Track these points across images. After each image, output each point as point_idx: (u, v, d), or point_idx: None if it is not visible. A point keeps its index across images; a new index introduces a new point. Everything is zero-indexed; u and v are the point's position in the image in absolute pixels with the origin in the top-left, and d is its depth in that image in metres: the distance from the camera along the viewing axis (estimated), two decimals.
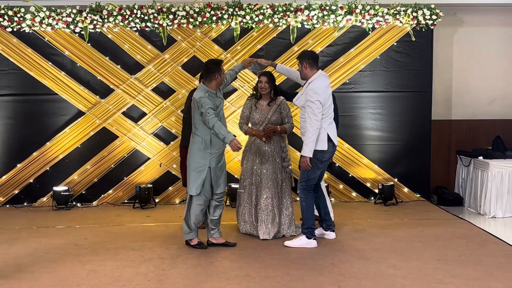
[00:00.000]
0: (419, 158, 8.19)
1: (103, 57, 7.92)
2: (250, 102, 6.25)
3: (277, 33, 8.00)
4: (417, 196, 8.18)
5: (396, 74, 8.07)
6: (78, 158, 8.01)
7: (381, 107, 8.11)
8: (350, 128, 8.10)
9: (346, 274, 4.82)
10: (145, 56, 7.96)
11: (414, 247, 5.66)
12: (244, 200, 6.21)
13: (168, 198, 8.10)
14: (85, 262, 5.22)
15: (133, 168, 8.06)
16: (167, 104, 7.97)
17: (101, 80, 7.96)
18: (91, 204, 8.02)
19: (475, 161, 7.73)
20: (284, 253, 5.47)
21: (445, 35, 8.40)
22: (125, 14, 7.71)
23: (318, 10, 7.76)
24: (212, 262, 5.20)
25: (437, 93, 8.39)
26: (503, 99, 8.57)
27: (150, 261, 5.23)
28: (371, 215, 7.23)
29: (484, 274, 4.82)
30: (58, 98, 7.92)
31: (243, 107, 6.29)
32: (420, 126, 8.17)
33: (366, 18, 7.84)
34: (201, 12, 7.74)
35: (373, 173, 8.11)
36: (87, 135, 8.00)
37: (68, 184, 7.96)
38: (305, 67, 5.67)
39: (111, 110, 7.98)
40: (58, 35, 7.85)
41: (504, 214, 7.28)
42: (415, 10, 7.83)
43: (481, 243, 5.82)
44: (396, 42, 8.04)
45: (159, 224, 6.83)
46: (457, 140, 8.52)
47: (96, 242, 5.97)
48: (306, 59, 5.68)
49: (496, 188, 7.28)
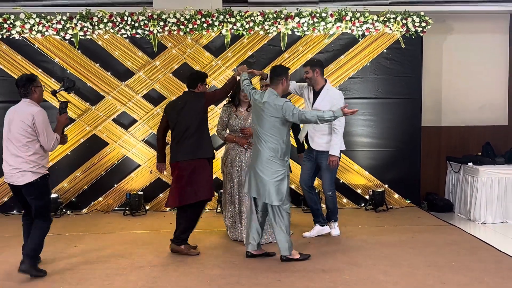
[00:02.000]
0: (409, 164, 8.22)
1: (93, 64, 7.90)
2: (228, 109, 6.25)
3: (268, 40, 8.02)
4: (407, 202, 8.20)
5: (386, 81, 8.12)
6: (68, 165, 7.98)
7: (371, 113, 8.14)
8: None
9: (337, 281, 4.82)
10: (135, 63, 7.95)
11: (404, 253, 5.67)
12: (229, 207, 6.23)
13: (159, 205, 8.07)
14: (75, 270, 5.19)
15: (124, 175, 8.03)
16: (158, 111, 7.96)
17: (91, 87, 7.94)
18: (81, 211, 7.98)
19: (465, 167, 7.77)
20: (274, 260, 5.46)
21: (435, 42, 8.46)
22: (116, 21, 7.70)
23: (308, 17, 7.79)
24: (203, 269, 5.18)
25: (427, 99, 8.44)
26: (493, 105, 8.63)
27: (140, 269, 5.21)
28: (362, 221, 7.25)
29: (474, 280, 4.84)
30: (48, 105, 7.85)
31: (221, 113, 6.30)
32: (410, 133, 8.21)
33: (356, 25, 7.88)
34: (192, 19, 7.75)
35: (364, 179, 8.13)
36: (77, 142, 7.96)
37: (58, 191, 7.91)
38: (318, 74, 6.11)
39: (101, 117, 7.95)
40: (48, 42, 7.83)
41: (494, 220, 7.31)
42: (405, 18, 7.88)
43: (471, 249, 5.84)
44: (386, 49, 8.08)
45: (149, 231, 6.80)
46: (447, 146, 8.57)
47: (86, 249, 5.94)
48: (318, 67, 6.14)
49: (486, 194, 7.32)
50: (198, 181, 5.56)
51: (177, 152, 5.62)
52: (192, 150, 5.55)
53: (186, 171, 5.53)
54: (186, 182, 5.53)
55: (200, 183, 5.56)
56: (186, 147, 5.55)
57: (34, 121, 4.97)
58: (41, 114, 5.01)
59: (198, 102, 5.61)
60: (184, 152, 5.56)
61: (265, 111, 5.29)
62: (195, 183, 5.54)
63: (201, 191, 5.55)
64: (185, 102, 5.63)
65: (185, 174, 5.54)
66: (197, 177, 5.55)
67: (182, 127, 5.58)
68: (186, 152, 5.56)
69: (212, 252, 5.78)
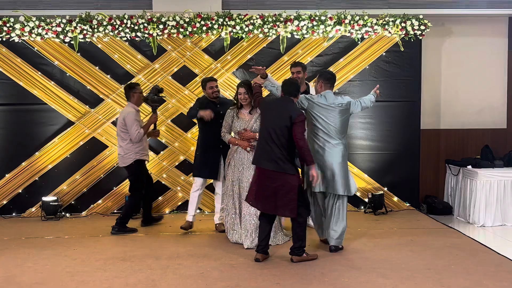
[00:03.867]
0: (408, 167, 8.23)
1: (93, 67, 7.91)
2: (232, 112, 6.31)
3: (267, 43, 8.03)
4: (406, 205, 8.20)
5: (385, 84, 8.12)
6: (67, 168, 7.97)
7: (370, 116, 8.15)
8: None
9: (336, 284, 4.82)
10: (135, 66, 7.95)
11: (404, 256, 5.68)
12: (230, 209, 6.24)
13: (158, 208, 8.05)
14: (74, 273, 5.18)
15: (123, 178, 8.01)
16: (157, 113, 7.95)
17: (90, 90, 7.95)
18: (80, 214, 7.97)
19: (464, 170, 7.77)
20: (274, 263, 5.46)
21: (434, 45, 8.48)
22: (115, 24, 7.71)
23: (307, 20, 7.80)
24: (202, 272, 5.18)
25: (426, 102, 8.45)
26: (492, 108, 8.64)
27: (140, 272, 5.20)
28: (361, 224, 7.24)
29: (474, 283, 4.84)
30: (48, 108, 7.88)
31: (225, 116, 6.37)
32: (409, 136, 8.22)
33: (355, 28, 7.89)
34: (191, 22, 7.76)
35: (363, 182, 8.13)
36: (77, 145, 7.96)
37: (57, 194, 7.91)
38: (305, 76, 6.68)
39: (100, 120, 7.95)
40: (48, 45, 7.84)
41: (493, 223, 7.32)
42: (404, 21, 7.90)
43: (471, 252, 5.84)
44: (385, 52, 8.09)
45: (149, 234, 6.80)
46: (446, 149, 8.58)
47: (85, 252, 5.93)
48: (306, 71, 6.72)
49: (485, 197, 7.32)
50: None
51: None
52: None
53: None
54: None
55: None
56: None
57: (125, 119, 6.65)
58: (131, 114, 6.67)
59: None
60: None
61: (337, 110, 5.78)
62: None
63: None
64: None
65: None
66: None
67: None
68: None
69: (211, 255, 5.78)
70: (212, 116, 6.50)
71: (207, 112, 6.50)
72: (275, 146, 5.33)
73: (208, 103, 6.69)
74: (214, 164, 6.67)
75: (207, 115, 6.49)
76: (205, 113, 6.50)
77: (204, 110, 6.53)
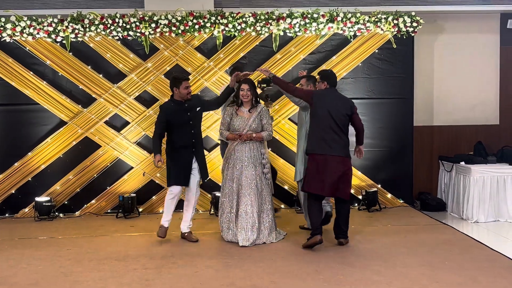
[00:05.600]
0: (401, 164, 8.25)
1: (85, 66, 7.88)
2: (231, 109, 6.29)
3: (260, 41, 8.02)
4: (400, 202, 8.22)
5: (378, 81, 8.14)
6: (60, 168, 7.94)
7: (364, 113, 8.14)
8: None
9: (331, 281, 4.82)
10: (127, 65, 7.93)
11: (398, 253, 5.69)
12: (226, 207, 6.23)
13: (152, 207, 8.04)
14: (68, 273, 5.17)
15: (116, 177, 8.01)
16: (150, 112, 7.94)
17: (83, 90, 7.92)
18: (73, 214, 7.94)
19: (457, 166, 7.80)
20: (269, 261, 5.46)
21: (426, 42, 8.50)
22: (107, 23, 7.68)
23: (300, 18, 7.80)
24: (196, 271, 5.17)
25: (418, 99, 8.47)
26: (484, 105, 8.67)
27: (134, 272, 5.19)
28: (355, 221, 7.24)
29: (468, 279, 4.85)
30: (40, 108, 7.85)
31: (224, 114, 6.35)
32: (402, 132, 8.24)
33: (347, 26, 7.90)
34: (184, 20, 7.74)
35: (357, 179, 8.14)
36: (69, 145, 7.93)
37: (50, 194, 7.88)
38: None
39: (93, 120, 7.92)
40: (40, 44, 7.80)
41: (486, 219, 7.34)
42: (396, 18, 7.91)
43: (465, 248, 5.86)
44: (378, 50, 8.10)
45: (143, 233, 6.78)
46: (439, 146, 8.61)
47: (79, 252, 5.91)
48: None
49: (478, 193, 7.35)
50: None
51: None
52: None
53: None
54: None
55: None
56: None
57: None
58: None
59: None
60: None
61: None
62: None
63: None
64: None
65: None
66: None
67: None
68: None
69: (205, 253, 5.78)
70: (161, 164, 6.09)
71: (156, 160, 6.04)
72: (342, 133, 5.86)
73: (176, 110, 6.19)
74: (187, 170, 6.26)
75: (156, 164, 6.05)
76: (156, 163, 6.05)
77: (154, 158, 6.06)
